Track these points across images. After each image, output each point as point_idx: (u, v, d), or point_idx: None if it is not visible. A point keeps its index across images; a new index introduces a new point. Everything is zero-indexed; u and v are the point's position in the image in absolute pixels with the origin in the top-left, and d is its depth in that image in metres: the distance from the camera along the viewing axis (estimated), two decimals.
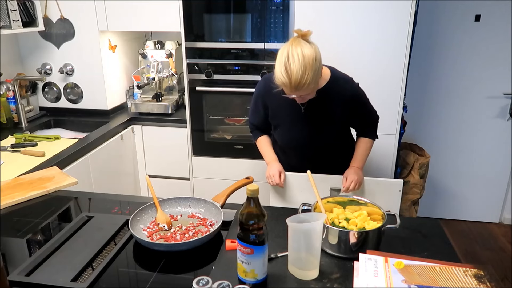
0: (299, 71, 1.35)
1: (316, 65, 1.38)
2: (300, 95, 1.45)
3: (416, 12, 2.21)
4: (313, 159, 1.73)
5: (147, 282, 1.04)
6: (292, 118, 1.65)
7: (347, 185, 1.60)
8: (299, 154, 1.74)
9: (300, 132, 1.67)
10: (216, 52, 2.42)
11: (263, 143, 1.80)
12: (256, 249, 0.95)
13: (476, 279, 0.96)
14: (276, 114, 1.69)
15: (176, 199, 1.38)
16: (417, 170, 2.75)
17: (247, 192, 0.95)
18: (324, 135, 1.66)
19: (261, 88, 1.71)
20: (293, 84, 1.37)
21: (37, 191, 1.53)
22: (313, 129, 1.65)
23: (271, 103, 1.68)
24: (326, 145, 1.70)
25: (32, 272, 1.06)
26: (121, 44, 2.80)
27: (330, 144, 1.71)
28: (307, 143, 1.68)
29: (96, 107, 2.70)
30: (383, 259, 1.04)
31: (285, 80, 1.38)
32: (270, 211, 1.37)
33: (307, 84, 1.37)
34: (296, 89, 1.40)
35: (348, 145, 1.78)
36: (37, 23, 2.40)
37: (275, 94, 1.58)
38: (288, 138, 1.72)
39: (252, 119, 1.82)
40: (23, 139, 2.19)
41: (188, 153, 2.66)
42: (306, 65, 1.35)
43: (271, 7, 2.27)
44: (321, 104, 1.59)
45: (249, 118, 1.85)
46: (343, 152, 1.76)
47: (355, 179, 1.59)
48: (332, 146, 1.72)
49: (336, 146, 1.73)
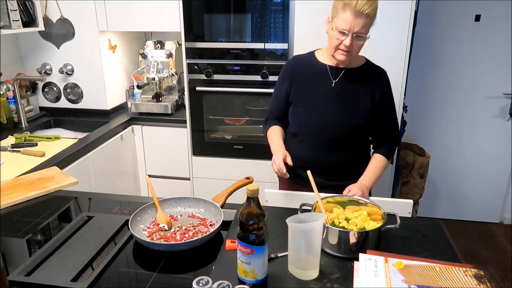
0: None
1: (377, 3, 1.40)
2: (357, 25, 1.38)
3: (416, 12, 2.21)
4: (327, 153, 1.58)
5: (147, 282, 1.04)
6: (319, 93, 1.56)
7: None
8: (314, 141, 1.59)
9: (325, 108, 1.55)
10: (216, 52, 2.42)
11: (275, 132, 1.64)
12: (256, 249, 0.95)
13: (476, 279, 0.96)
14: (302, 89, 1.60)
15: (176, 199, 1.38)
16: (417, 170, 2.75)
17: (247, 192, 0.95)
18: (347, 120, 1.54)
19: (290, 63, 1.67)
20: (358, 4, 1.34)
21: (37, 191, 1.53)
22: (339, 107, 1.55)
23: (297, 79, 1.61)
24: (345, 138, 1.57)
25: (32, 272, 1.06)
26: (121, 44, 2.80)
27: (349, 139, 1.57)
28: (327, 126, 1.55)
29: (96, 107, 2.70)
30: (383, 259, 1.04)
31: (350, 0, 1.35)
32: (270, 211, 1.37)
33: (370, 10, 1.36)
34: (358, 13, 1.36)
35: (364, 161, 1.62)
36: (37, 23, 2.40)
37: (304, 69, 1.58)
38: (309, 116, 1.58)
39: (271, 105, 1.73)
40: (23, 139, 2.19)
41: (188, 153, 2.66)
42: None
43: (271, 7, 2.27)
44: (353, 83, 1.54)
45: (269, 107, 1.75)
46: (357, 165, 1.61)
47: (358, 194, 1.38)
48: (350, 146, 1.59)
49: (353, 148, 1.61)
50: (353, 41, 1.41)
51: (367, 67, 1.59)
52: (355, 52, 1.47)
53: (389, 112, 1.62)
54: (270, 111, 1.74)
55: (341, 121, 1.55)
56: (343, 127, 1.55)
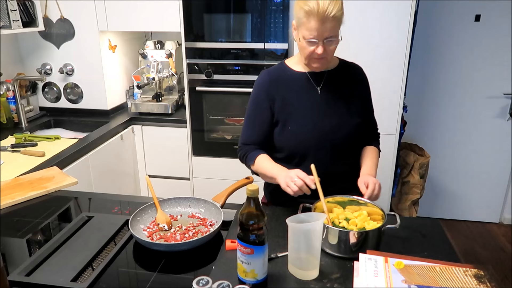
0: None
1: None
2: (325, 30, 1.27)
3: (416, 12, 2.22)
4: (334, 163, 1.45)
5: (147, 282, 1.04)
6: (306, 103, 1.44)
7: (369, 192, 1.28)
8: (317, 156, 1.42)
9: (319, 118, 1.43)
10: (216, 52, 2.42)
11: (265, 160, 1.43)
12: (256, 249, 0.95)
13: (476, 279, 0.96)
14: (287, 103, 1.44)
15: (176, 199, 1.38)
16: (417, 170, 2.75)
17: (247, 192, 0.95)
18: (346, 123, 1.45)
19: (264, 79, 1.48)
20: (321, 8, 1.23)
21: (37, 191, 1.53)
22: (332, 113, 1.44)
23: (279, 92, 1.45)
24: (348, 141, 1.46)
25: (32, 272, 1.06)
26: (121, 44, 2.80)
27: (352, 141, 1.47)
28: (327, 135, 1.42)
29: (96, 107, 2.70)
30: (383, 259, 1.04)
31: (312, 6, 1.24)
32: (270, 211, 1.38)
33: (336, 11, 1.24)
34: (323, 19, 1.24)
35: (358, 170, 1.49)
36: (37, 23, 2.40)
37: (283, 82, 1.45)
38: (304, 131, 1.43)
39: (246, 135, 1.51)
40: (23, 139, 2.19)
41: (188, 153, 2.66)
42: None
43: (271, 7, 2.27)
44: (337, 85, 1.46)
45: (240, 138, 1.52)
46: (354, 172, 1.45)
47: (377, 182, 1.31)
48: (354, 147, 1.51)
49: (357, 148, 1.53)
50: (325, 47, 1.31)
51: (345, 66, 1.51)
52: (330, 56, 1.37)
53: (371, 106, 1.59)
54: (245, 141, 1.50)
55: (340, 126, 1.44)
56: (344, 131, 1.45)
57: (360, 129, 1.49)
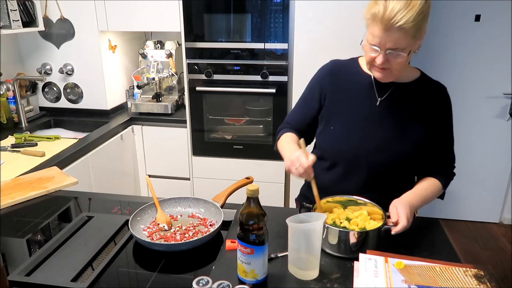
0: (400, 1, 1.04)
1: (424, 8, 1.06)
2: (388, 40, 1.07)
3: None
4: (359, 189, 1.27)
5: (147, 282, 1.04)
6: (360, 111, 1.27)
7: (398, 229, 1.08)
8: (345, 171, 1.29)
9: (364, 132, 1.25)
10: (216, 52, 2.43)
11: (285, 138, 1.33)
12: (256, 249, 0.95)
13: (476, 279, 0.96)
14: (338, 103, 1.29)
15: (176, 199, 1.37)
16: None
17: (247, 192, 0.95)
18: (391, 148, 1.24)
19: (325, 68, 1.35)
20: (386, 15, 1.03)
21: (37, 191, 1.53)
22: (382, 133, 1.24)
23: (334, 89, 1.31)
24: (385, 172, 1.26)
25: (32, 272, 1.06)
26: (121, 44, 2.80)
27: (389, 173, 1.27)
28: (364, 155, 1.25)
29: (96, 107, 2.70)
30: (383, 259, 1.04)
31: (378, 9, 1.05)
32: (270, 211, 1.37)
33: (405, 22, 1.03)
34: (387, 26, 1.04)
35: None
36: (37, 23, 2.40)
37: (345, 77, 1.30)
38: (343, 139, 1.28)
39: (289, 117, 1.42)
40: (23, 139, 2.19)
41: (188, 153, 2.66)
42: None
43: (271, 7, 2.27)
44: (403, 102, 1.24)
45: (286, 117, 1.44)
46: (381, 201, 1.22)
47: (408, 213, 1.10)
48: (389, 183, 1.29)
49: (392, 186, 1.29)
50: (388, 58, 1.11)
51: (422, 83, 1.27)
52: (396, 70, 1.15)
53: (448, 141, 1.30)
54: (287, 119, 1.42)
55: (383, 151, 1.24)
56: (384, 157, 1.24)
57: (405, 163, 1.27)
